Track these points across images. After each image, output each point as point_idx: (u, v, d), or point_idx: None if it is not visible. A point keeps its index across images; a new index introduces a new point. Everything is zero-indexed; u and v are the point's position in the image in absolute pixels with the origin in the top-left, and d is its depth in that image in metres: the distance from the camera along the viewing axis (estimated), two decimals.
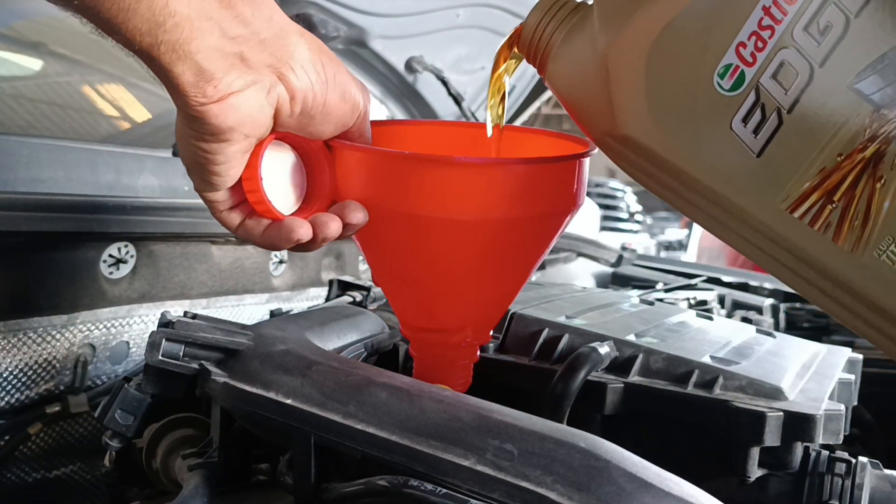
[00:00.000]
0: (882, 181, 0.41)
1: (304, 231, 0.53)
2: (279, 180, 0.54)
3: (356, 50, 1.48)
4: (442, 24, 1.51)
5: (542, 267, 1.53)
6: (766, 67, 0.41)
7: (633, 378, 0.64)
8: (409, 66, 1.55)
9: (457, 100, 1.58)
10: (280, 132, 0.52)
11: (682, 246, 7.67)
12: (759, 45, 0.41)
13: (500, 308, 0.63)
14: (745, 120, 0.43)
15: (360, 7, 1.37)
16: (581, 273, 1.66)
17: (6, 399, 0.76)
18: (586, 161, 0.56)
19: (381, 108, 1.62)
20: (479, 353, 0.63)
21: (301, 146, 0.55)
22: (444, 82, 1.57)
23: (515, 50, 0.54)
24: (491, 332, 0.63)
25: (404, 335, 0.63)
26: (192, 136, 0.49)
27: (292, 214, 0.55)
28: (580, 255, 1.68)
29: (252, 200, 0.53)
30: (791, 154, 0.42)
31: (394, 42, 1.49)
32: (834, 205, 0.42)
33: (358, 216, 0.54)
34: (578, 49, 0.48)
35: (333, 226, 0.54)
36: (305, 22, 1.34)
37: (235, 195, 0.54)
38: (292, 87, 0.49)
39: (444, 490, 0.45)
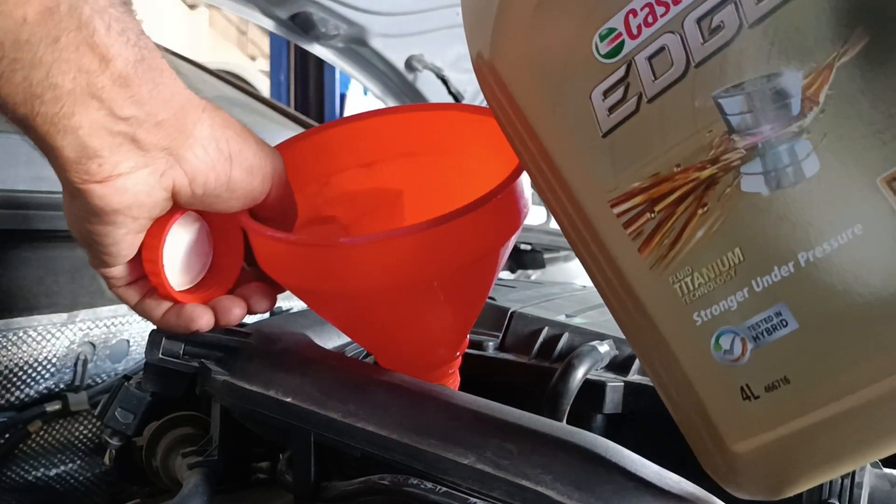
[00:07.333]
0: (705, 208, 0.37)
1: (204, 321, 0.52)
2: (183, 257, 0.52)
3: (356, 48, 1.48)
4: (442, 22, 1.51)
5: (543, 265, 1.53)
6: (646, 46, 0.38)
7: (633, 377, 0.64)
8: (409, 64, 1.55)
9: (456, 98, 1.59)
10: (186, 208, 0.50)
11: None
12: (650, 19, 0.38)
13: (461, 336, 0.60)
14: (605, 93, 0.40)
15: (360, 5, 1.37)
16: (581, 271, 1.65)
17: (6, 397, 0.76)
18: (520, 181, 0.51)
19: (381, 107, 1.62)
20: (478, 351, 0.63)
21: (210, 219, 0.53)
22: (444, 81, 1.57)
23: None
24: (493, 333, 0.63)
25: None
26: (79, 216, 0.46)
27: (195, 288, 0.54)
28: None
29: (154, 283, 0.51)
30: (633, 147, 0.39)
31: (394, 40, 1.49)
32: (653, 214, 0.39)
33: (262, 305, 0.54)
34: None
35: (237, 312, 0.53)
36: (306, 21, 1.34)
37: (133, 271, 0.51)
38: (192, 169, 0.47)
39: (444, 489, 0.45)
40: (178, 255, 0.52)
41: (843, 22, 0.33)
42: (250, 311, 0.54)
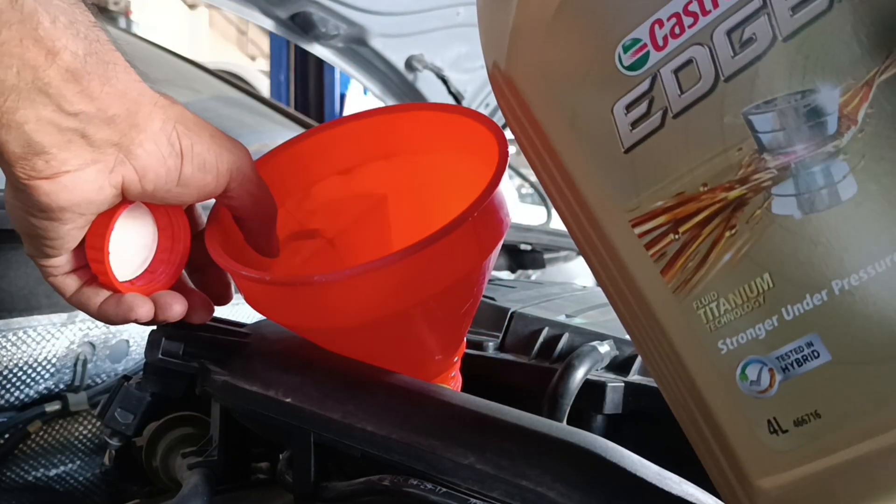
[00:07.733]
0: (733, 231, 0.35)
1: (143, 311, 0.51)
2: (127, 248, 0.51)
3: (356, 48, 1.48)
4: (442, 22, 1.51)
5: (543, 266, 1.53)
6: (672, 58, 0.36)
7: (633, 377, 0.64)
8: (409, 64, 1.55)
9: (457, 98, 1.59)
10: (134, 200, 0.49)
11: None
12: (677, 30, 0.36)
13: (455, 346, 0.60)
14: (628, 108, 0.37)
15: (360, 5, 1.37)
16: (581, 271, 1.66)
17: (6, 397, 0.76)
18: (495, 195, 0.49)
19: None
20: (478, 352, 0.63)
21: (156, 213, 0.53)
22: (445, 81, 1.57)
23: None
24: (493, 333, 0.63)
25: None
26: (21, 209, 0.45)
27: (136, 280, 0.53)
28: (580, 253, 1.68)
29: (96, 270, 0.50)
30: (657, 165, 0.37)
31: (394, 40, 1.49)
32: (677, 236, 0.37)
33: (201, 315, 0.54)
34: None
35: (177, 308, 0.52)
36: (306, 21, 1.34)
37: (74, 260, 0.50)
38: (142, 165, 0.45)
39: (444, 489, 0.45)
40: (122, 245, 0.51)
41: (885, 36, 0.32)
42: (188, 316, 0.54)
